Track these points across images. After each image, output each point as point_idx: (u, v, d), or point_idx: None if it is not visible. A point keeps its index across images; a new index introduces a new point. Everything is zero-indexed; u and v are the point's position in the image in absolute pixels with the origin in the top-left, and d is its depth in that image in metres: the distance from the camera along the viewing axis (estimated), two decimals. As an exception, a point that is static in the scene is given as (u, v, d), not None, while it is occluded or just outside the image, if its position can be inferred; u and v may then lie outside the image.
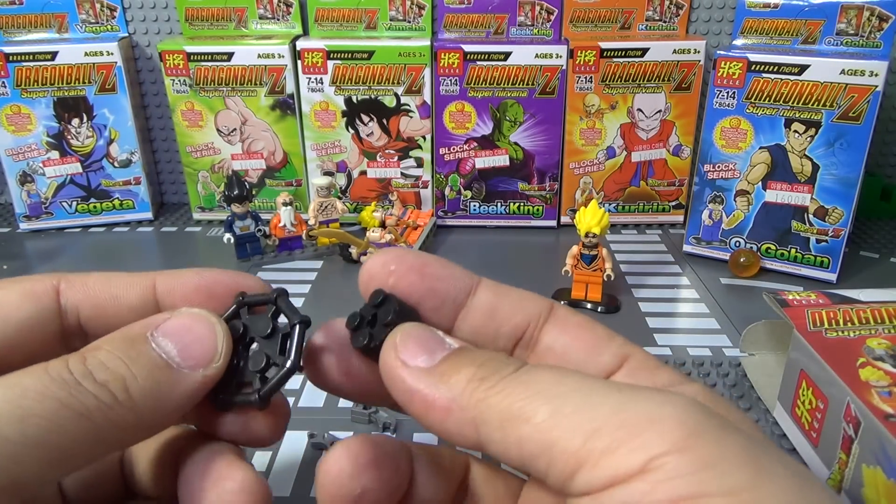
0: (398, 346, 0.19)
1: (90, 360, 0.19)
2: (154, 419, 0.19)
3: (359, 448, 0.20)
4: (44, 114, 0.68)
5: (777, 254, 0.61)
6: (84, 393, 0.18)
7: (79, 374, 0.18)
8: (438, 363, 0.19)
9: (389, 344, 0.20)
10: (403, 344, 0.19)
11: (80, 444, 0.18)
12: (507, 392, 0.17)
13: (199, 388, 0.20)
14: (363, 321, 0.21)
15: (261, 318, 0.22)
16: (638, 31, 0.70)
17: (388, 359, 0.19)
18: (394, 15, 0.70)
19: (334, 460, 0.20)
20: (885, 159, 0.76)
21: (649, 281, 0.60)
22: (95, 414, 0.18)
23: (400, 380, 0.19)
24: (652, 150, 0.70)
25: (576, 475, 0.16)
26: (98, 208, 0.73)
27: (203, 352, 0.20)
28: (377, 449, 0.20)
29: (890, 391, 0.32)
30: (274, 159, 0.72)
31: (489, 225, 0.73)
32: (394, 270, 0.21)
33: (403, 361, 0.19)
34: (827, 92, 0.55)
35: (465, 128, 0.69)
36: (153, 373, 0.19)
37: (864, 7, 0.56)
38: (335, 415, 0.42)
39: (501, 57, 0.66)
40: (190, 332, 0.20)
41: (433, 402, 0.18)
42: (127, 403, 0.18)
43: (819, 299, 0.40)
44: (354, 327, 0.21)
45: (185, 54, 0.67)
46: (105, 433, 0.18)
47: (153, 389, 0.19)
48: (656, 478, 0.15)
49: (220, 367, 0.20)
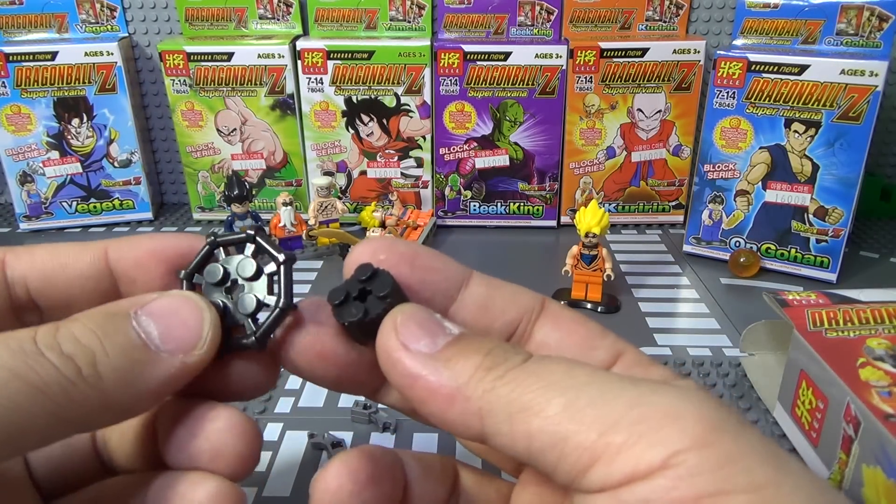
0: (398, 328, 0.18)
1: (62, 331, 0.17)
2: (122, 402, 0.18)
3: (357, 463, 0.19)
4: (44, 114, 0.68)
5: (777, 254, 0.61)
6: (44, 364, 0.16)
7: (44, 344, 0.17)
8: (442, 349, 0.18)
9: (389, 324, 0.18)
10: (405, 326, 0.18)
11: (33, 421, 0.16)
12: (516, 383, 0.17)
13: (176, 375, 0.19)
14: (349, 296, 0.19)
15: (243, 260, 0.20)
16: (638, 31, 0.70)
17: (388, 340, 0.18)
18: (394, 15, 0.70)
19: (333, 477, 0.19)
20: (885, 159, 0.76)
21: (649, 281, 0.60)
22: (54, 388, 0.16)
23: (401, 364, 0.18)
24: (652, 150, 0.70)
25: (590, 470, 0.15)
26: (98, 208, 0.73)
27: (186, 337, 0.19)
28: (375, 462, 0.20)
29: (890, 391, 0.32)
30: (274, 159, 0.72)
31: (489, 225, 0.73)
32: (383, 260, 0.20)
33: (404, 344, 0.18)
34: (827, 92, 0.55)
35: (465, 128, 0.69)
36: (127, 351, 0.18)
37: (864, 7, 0.56)
38: (335, 415, 0.42)
39: (501, 57, 0.66)
40: (175, 315, 0.19)
41: (436, 389, 0.17)
42: (92, 380, 0.17)
43: (819, 299, 0.40)
44: (340, 302, 0.19)
45: (185, 54, 0.67)
46: (64, 411, 0.16)
47: (124, 369, 0.18)
48: (678, 474, 0.15)
49: (202, 356, 0.19)
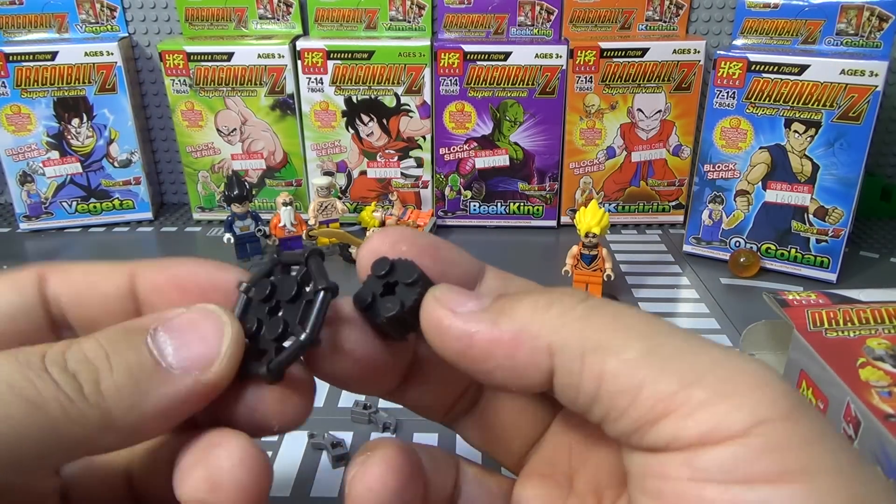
0: (441, 299, 0.17)
1: (73, 347, 0.17)
2: (127, 423, 0.16)
3: (399, 459, 0.18)
4: (44, 114, 0.68)
5: (777, 254, 0.61)
6: (44, 380, 0.16)
7: (50, 360, 0.16)
8: (491, 304, 0.17)
9: (430, 300, 0.18)
10: (444, 296, 0.17)
11: (27, 436, 0.15)
12: (589, 320, 0.16)
13: (189, 396, 0.17)
14: (375, 296, 0.18)
15: (290, 280, 0.19)
16: (638, 31, 0.70)
17: (435, 311, 0.17)
18: (394, 15, 0.70)
19: (376, 476, 0.17)
20: (885, 159, 0.76)
21: (649, 281, 0.60)
22: (51, 405, 0.15)
23: (454, 327, 0.17)
24: (652, 150, 0.70)
25: (659, 422, 0.14)
26: (98, 208, 0.73)
27: (202, 353, 0.17)
28: (413, 458, 0.19)
29: (890, 391, 0.32)
30: (274, 159, 0.72)
31: (489, 225, 0.73)
32: (405, 251, 0.19)
33: (452, 309, 0.17)
34: (827, 92, 0.55)
35: (465, 128, 0.69)
36: (133, 369, 0.17)
37: (864, 7, 0.56)
38: (335, 415, 0.42)
39: (501, 57, 0.66)
40: (194, 330, 0.18)
41: (498, 337, 0.16)
42: (92, 398, 0.16)
43: (819, 299, 0.40)
44: (368, 305, 0.19)
45: (185, 54, 0.67)
46: (62, 429, 0.15)
47: (128, 388, 0.16)
48: (762, 444, 0.14)
49: (219, 374, 0.17)
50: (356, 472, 0.18)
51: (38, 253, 0.68)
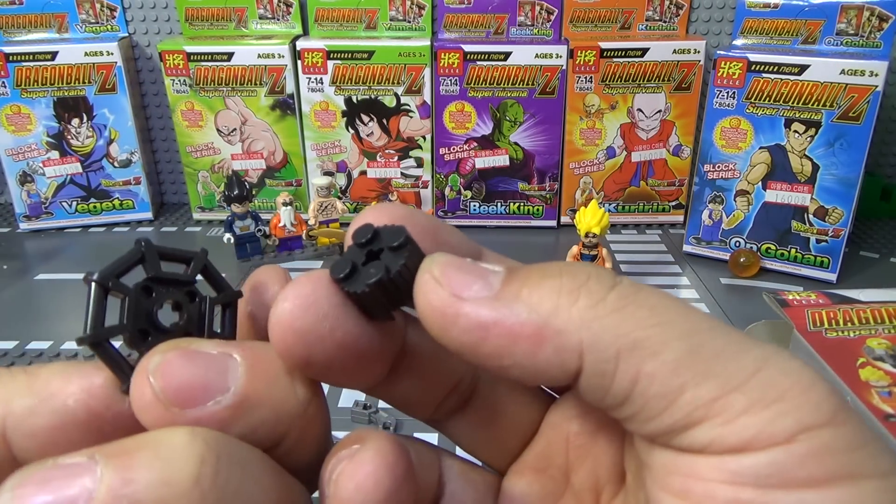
0: (441, 280, 0.15)
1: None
2: None
3: (394, 455, 0.15)
4: (44, 114, 0.68)
5: (777, 254, 0.61)
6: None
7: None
8: (502, 286, 0.15)
9: (427, 280, 0.15)
10: (446, 276, 0.15)
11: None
12: (625, 313, 0.14)
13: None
14: (356, 266, 0.15)
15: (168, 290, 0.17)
16: (638, 31, 0.70)
17: (436, 296, 0.15)
18: (394, 15, 0.70)
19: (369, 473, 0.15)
20: (885, 159, 0.76)
21: (649, 281, 0.60)
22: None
23: (464, 317, 0.14)
24: (652, 150, 0.70)
25: (697, 426, 0.14)
26: (98, 208, 0.73)
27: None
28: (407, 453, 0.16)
29: (890, 391, 0.32)
30: (274, 159, 0.72)
31: (489, 225, 0.73)
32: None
33: (457, 295, 0.15)
34: (827, 92, 0.55)
35: (465, 128, 0.69)
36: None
37: (864, 7, 0.56)
38: (335, 415, 0.42)
39: (501, 57, 0.66)
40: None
41: (519, 331, 0.14)
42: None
43: (819, 299, 0.40)
44: (346, 275, 0.15)
45: (185, 54, 0.67)
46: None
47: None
48: (807, 450, 0.13)
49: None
50: (344, 468, 0.15)
51: (38, 253, 0.68)
